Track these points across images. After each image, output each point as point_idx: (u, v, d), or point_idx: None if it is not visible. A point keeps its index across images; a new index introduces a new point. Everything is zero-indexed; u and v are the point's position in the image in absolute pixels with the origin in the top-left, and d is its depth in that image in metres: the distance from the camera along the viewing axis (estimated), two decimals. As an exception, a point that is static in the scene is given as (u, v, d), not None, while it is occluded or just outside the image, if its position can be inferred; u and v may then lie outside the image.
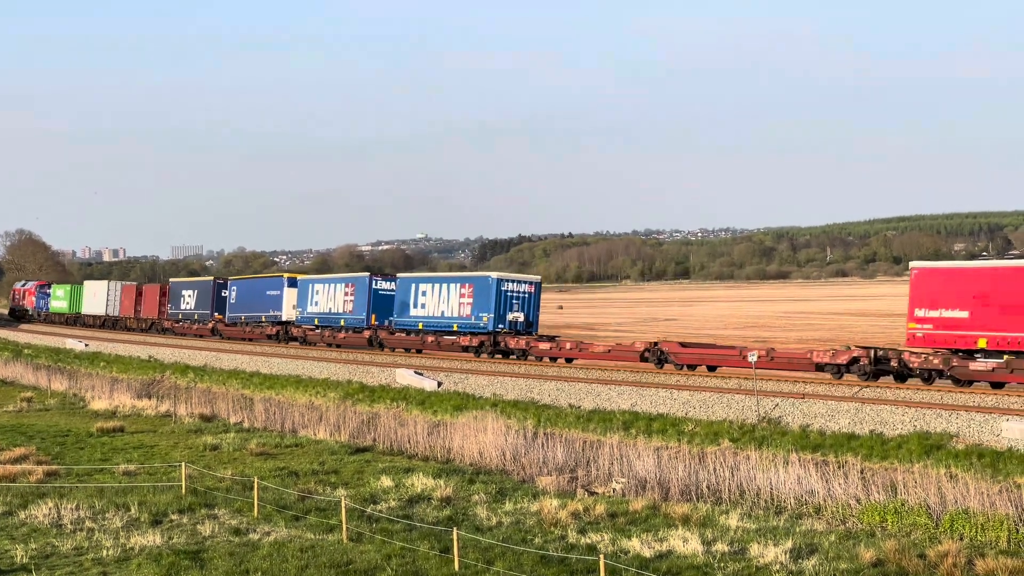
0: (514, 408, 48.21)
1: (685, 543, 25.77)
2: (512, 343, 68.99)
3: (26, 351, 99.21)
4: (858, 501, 29.88)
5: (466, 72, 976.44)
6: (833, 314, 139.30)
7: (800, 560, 24.26)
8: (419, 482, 34.49)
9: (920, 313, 49.63)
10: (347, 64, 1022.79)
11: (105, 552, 25.84)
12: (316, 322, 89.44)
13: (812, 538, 26.52)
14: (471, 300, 72.74)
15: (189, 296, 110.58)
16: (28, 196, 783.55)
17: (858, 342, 59.14)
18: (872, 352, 50.71)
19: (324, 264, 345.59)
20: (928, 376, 48.96)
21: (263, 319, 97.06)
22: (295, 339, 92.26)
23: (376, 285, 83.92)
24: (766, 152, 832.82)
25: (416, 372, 57.74)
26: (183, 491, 33.27)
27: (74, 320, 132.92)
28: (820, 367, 52.29)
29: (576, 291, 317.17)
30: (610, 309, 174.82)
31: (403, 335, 78.91)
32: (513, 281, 72.66)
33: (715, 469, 34.45)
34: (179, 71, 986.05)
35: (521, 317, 70.95)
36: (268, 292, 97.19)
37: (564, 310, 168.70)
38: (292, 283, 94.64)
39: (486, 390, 52.82)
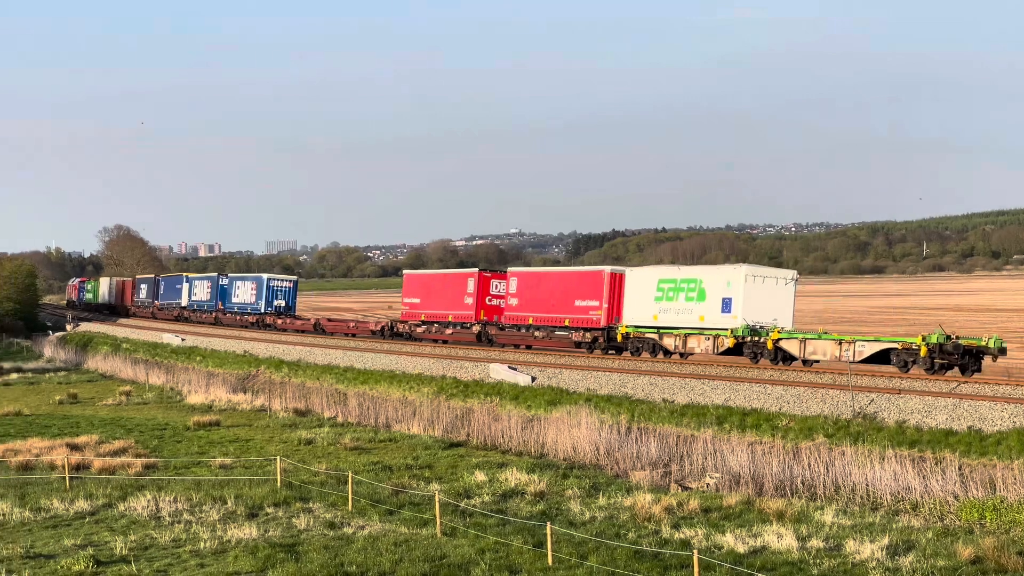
0: (608, 403, 48.09)
1: (780, 539, 25.64)
2: (269, 320, 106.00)
3: (124, 345, 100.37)
4: (956, 498, 29.57)
5: (560, 70, 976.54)
6: (929, 309, 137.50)
7: (897, 557, 24.04)
8: (513, 477, 34.55)
9: (406, 300, 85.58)
10: (441, 61, 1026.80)
11: (202, 544, 26.12)
12: (194, 307, 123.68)
13: (909, 535, 26.28)
14: (255, 292, 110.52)
15: (143, 289, 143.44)
16: (128, 192, 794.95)
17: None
18: (390, 323, 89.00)
19: (418, 259, 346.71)
20: (408, 336, 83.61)
21: (173, 305, 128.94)
22: (187, 319, 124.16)
23: (221, 282, 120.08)
24: (861, 146, 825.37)
25: (510, 367, 57.74)
26: (278, 485, 33.56)
27: (95, 307, 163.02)
28: (374, 333, 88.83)
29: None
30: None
31: (232, 316, 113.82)
32: (279, 280, 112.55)
33: (810, 464, 34.21)
34: (277, 68, 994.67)
35: (283, 303, 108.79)
36: (177, 286, 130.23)
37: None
38: (187, 280, 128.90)
39: (580, 385, 52.72)
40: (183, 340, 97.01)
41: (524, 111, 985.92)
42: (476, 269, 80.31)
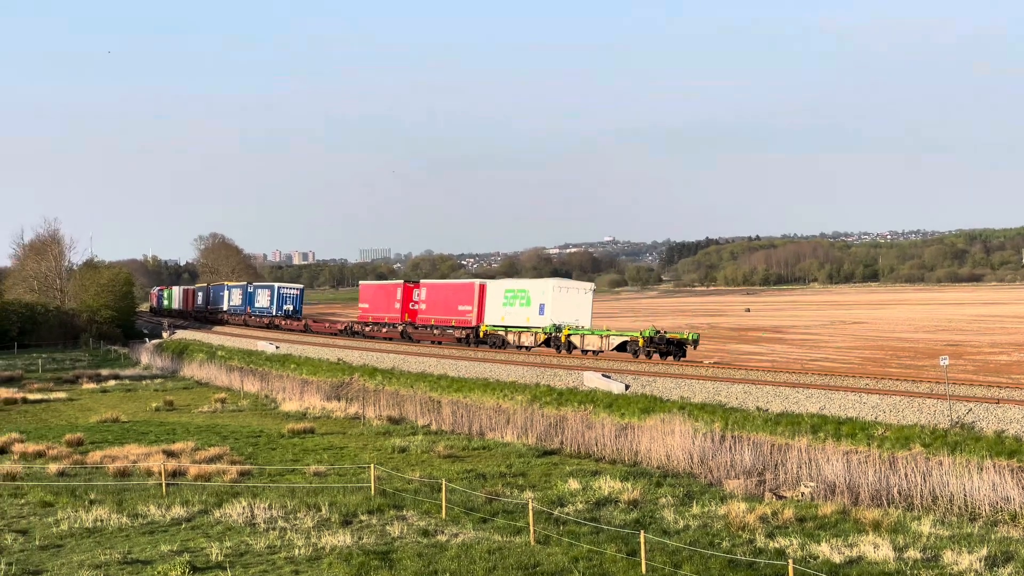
0: (701, 411, 47.87)
1: (876, 549, 25.39)
2: (278, 322, 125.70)
3: (219, 353, 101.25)
4: (1056, 509, 29.14)
5: (651, 78, 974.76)
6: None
7: (995, 568, 23.73)
8: (606, 485, 34.48)
9: (360, 305, 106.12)
10: (537, 72, 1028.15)
11: (297, 551, 26.29)
12: (231, 311, 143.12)
13: (1008, 546, 25.93)
14: (269, 297, 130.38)
15: (200, 296, 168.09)
16: (226, 201, 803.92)
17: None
18: (350, 323, 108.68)
19: (512, 267, 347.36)
20: (361, 334, 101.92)
21: (220, 310, 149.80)
22: (226, 322, 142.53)
23: (249, 289, 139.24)
24: (958, 152, 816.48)
25: (604, 375, 57.64)
26: (372, 492, 33.71)
27: (168, 312, 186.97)
28: (340, 332, 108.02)
29: (763, 294, 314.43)
30: (797, 312, 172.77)
31: (255, 318, 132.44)
32: (287, 287, 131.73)
33: (906, 474, 33.83)
34: (368, 77, 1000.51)
35: (292, 308, 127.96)
36: (221, 294, 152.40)
37: (752, 313, 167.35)
38: (228, 288, 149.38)
39: (673, 392, 52.51)
40: (277, 348, 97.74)
41: (617, 119, 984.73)
42: (402, 281, 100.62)
